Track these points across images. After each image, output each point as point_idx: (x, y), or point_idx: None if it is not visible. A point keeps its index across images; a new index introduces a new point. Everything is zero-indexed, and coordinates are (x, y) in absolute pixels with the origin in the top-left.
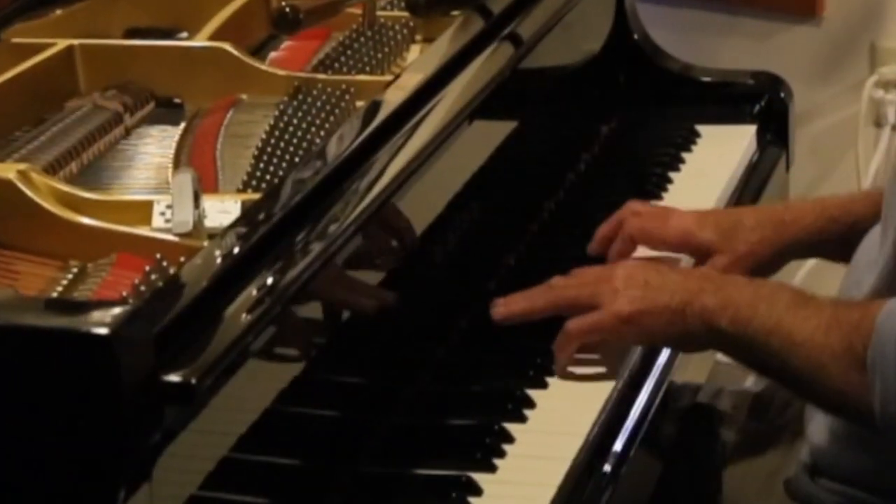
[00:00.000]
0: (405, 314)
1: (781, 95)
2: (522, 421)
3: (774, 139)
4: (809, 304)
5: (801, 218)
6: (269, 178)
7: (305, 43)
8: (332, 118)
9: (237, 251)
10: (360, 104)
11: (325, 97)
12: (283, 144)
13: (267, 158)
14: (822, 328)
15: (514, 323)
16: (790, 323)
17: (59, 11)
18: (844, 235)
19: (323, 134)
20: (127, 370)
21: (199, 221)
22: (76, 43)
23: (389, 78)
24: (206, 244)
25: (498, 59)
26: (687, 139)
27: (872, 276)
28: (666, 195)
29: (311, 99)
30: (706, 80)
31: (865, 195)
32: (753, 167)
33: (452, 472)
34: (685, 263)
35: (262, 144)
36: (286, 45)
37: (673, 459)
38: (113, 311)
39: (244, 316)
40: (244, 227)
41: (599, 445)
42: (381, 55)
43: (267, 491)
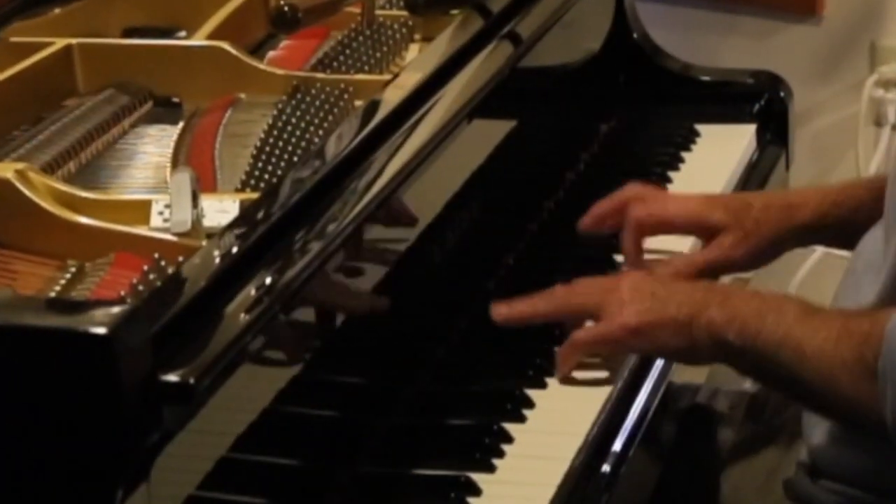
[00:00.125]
0: (404, 314)
1: (781, 95)
2: (521, 421)
3: (774, 138)
4: (817, 315)
5: (805, 202)
6: (267, 177)
7: (304, 42)
8: (330, 117)
9: (236, 251)
10: (358, 103)
11: (323, 96)
12: (281, 144)
13: (265, 158)
14: (831, 339)
15: (514, 325)
16: (799, 334)
17: (57, 10)
18: (847, 220)
19: (322, 133)
20: (125, 370)
21: (197, 221)
22: (74, 42)
23: (388, 77)
24: (204, 244)
25: (497, 58)
26: (687, 138)
27: (875, 281)
28: None
29: (309, 98)
30: (706, 79)
31: (867, 181)
32: (753, 166)
33: (451, 472)
34: (693, 244)
35: (260, 144)
36: (285, 44)
37: (672, 460)
38: (111, 310)
39: (243, 315)
40: (243, 226)
41: (599, 446)
42: (379, 54)
43: (266, 491)
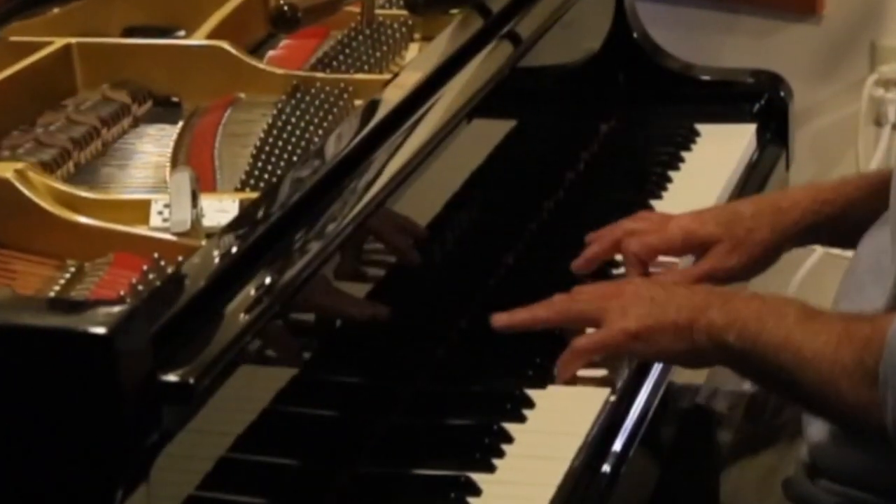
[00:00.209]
0: (404, 313)
1: (781, 94)
2: (521, 421)
3: (774, 138)
4: (818, 318)
5: (796, 203)
6: (267, 177)
7: (304, 41)
8: (330, 117)
9: (235, 250)
10: (358, 103)
11: (323, 96)
12: (281, 143)
13: (265, 157)
14: (832, 343)
15: (514, 332)
16: (800, 338)
17: (56, 10)
18: (839, 218)
19: (321, 133)
20: (125, 370)
21: (196, 221)
22: (73, 41)
23: (388, 76)
24: (203, 243)
25: (497, 57)
26: (687, 138)
27: (880, 283)
28: (665, 194)
29: (309, 98)
30: (706, 78)
31: (858, 178)
32: (753, 166)
33: (451, 472)
34: (686, 262)
35: (260, 143)
36: (284, 43)
37: (672, 460)
38: (111, 310)
39: (242, 315)
40: (242, 226)
41: (599, 446)
42: (379, 54)
43: (265, 491)
